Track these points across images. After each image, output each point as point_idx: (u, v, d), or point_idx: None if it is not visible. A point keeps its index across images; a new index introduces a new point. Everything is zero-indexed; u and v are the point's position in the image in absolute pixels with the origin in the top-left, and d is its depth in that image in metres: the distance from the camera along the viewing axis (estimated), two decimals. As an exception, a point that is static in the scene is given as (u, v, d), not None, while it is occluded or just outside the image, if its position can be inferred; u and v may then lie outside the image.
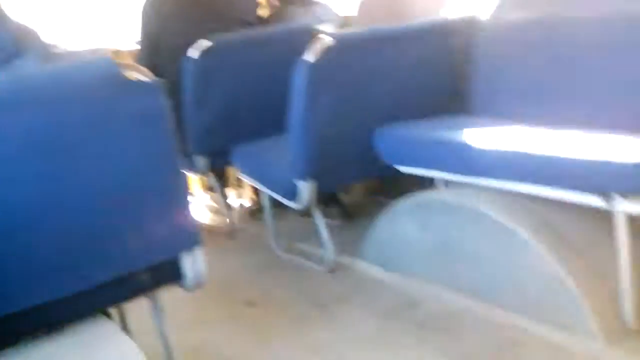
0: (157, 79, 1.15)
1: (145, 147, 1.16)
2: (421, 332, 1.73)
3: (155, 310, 1.39)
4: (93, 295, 1.19)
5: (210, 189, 3.04)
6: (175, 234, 1.24)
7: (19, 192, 1.04)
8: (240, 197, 3.13)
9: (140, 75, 1.12)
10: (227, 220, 2.80)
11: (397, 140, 2.02)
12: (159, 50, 2.59)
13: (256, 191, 3.08)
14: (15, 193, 1.04)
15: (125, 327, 1.53)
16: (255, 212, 2.95)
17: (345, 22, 2.78)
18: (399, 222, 2.01)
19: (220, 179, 2.82)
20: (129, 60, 1.19)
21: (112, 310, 1.45)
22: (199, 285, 1.33)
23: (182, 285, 1.33)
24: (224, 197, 2.85)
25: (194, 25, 2.60)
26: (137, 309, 1.46)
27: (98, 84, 1.10)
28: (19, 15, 1.64)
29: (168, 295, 1.39)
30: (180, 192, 1.25)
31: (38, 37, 1.60)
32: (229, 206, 2.88)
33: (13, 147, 1.03)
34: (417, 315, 1.82)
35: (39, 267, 1.09)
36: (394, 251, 2.04)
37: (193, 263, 1.29)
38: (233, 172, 3.04)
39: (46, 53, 1.60)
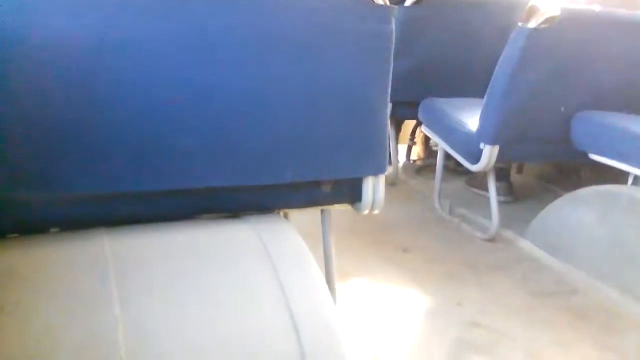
0: (392, 5, 1.17)
1: (364, 65, 1.17)
2: (575, 319, 1.71)
3: (324, 223, 1.42)
4: (275, 193, 1.24)
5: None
6: (366, 156, 1.25)
7: (230, 79, 1.07)
8: (409, 152, 3.20)
9: None
10: (393, 170, 2.87)
11: (597, 128, 1.97)
12: None
13: (425, 149, 3.14)
14: (227, 80, 1.07)
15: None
16: (421, 168, 3.01)
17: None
18: (576, 209, 1.97)
19: (396, 129, 2.89)
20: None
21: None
22: (372, 210, 1.34)
23: (356, 207, 1.34)
24: (395, 147, 2.91)
25: None
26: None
27: None
28: None
29: (336, 222, 1.43)
30: (382, 119, 1.24)
31: None
32: (397, 157, 2.96)
33: (224, 37, 1.05)
34: (573, 302, 1.80)
35: (237, 154, 1.13)
36: (563, 237, 2.01)
37: (374, 188, 1.30)
38: (409, 126, 3.11)
39: None
